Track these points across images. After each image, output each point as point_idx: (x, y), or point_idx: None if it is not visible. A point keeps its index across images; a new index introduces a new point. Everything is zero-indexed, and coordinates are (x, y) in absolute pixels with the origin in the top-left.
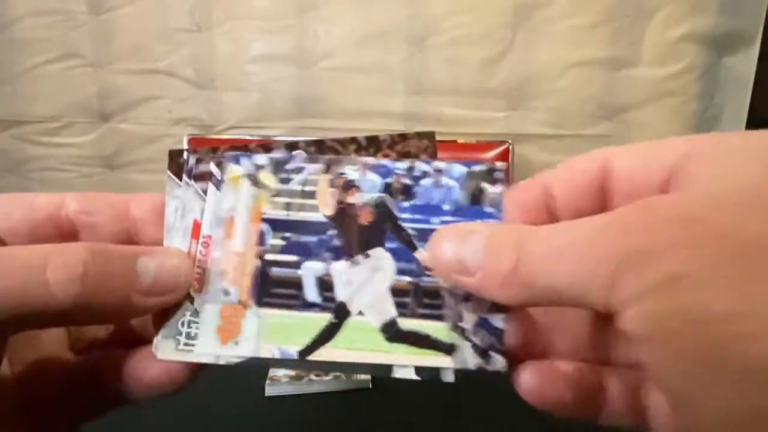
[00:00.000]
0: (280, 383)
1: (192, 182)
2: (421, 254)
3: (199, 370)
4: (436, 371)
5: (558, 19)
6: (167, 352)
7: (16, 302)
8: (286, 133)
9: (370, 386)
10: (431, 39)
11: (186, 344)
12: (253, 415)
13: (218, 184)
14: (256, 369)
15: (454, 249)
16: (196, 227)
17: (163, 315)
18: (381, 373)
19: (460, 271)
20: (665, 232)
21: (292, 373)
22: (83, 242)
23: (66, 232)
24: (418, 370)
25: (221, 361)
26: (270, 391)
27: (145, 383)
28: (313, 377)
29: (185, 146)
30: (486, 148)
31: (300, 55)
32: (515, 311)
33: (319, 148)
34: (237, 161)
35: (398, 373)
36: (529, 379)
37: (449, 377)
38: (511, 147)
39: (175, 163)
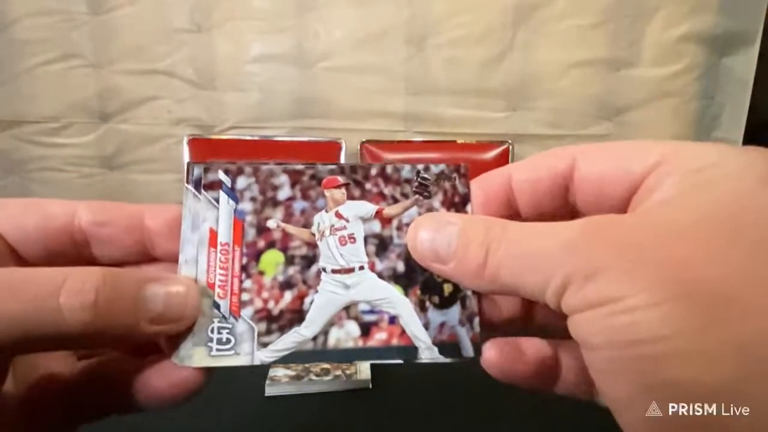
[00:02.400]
0: (280, 383)
1: (203, 191)
2: None
3: (208, 379)
4: (457, 349)
5: (558, 19)
6: (201, 359)
7: (29, 326)
8: (286, 133)
9: (370, 386)
10: (431, 39)
11: (219, 350)
12: (253, 415)
13: (229, 192)
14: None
15: (429, 238)
16: (213, 236)
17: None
18: (409, 357)
19: (435, 259)
20: (606, 256)
21: (292, 373)
22: (97, 267)
23: (79, 243)
24: (442, 349)
25: (256, 362)
26: (270, 391)
27: (157, 394)
28: (313, 377)
29: (185, 147)
30: (486, 148)
31: (300, 55)
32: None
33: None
34: (241, 171)
35: (424, 356)
36: (492, 355)
37: (469, 352)
38: (511, 147)
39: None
